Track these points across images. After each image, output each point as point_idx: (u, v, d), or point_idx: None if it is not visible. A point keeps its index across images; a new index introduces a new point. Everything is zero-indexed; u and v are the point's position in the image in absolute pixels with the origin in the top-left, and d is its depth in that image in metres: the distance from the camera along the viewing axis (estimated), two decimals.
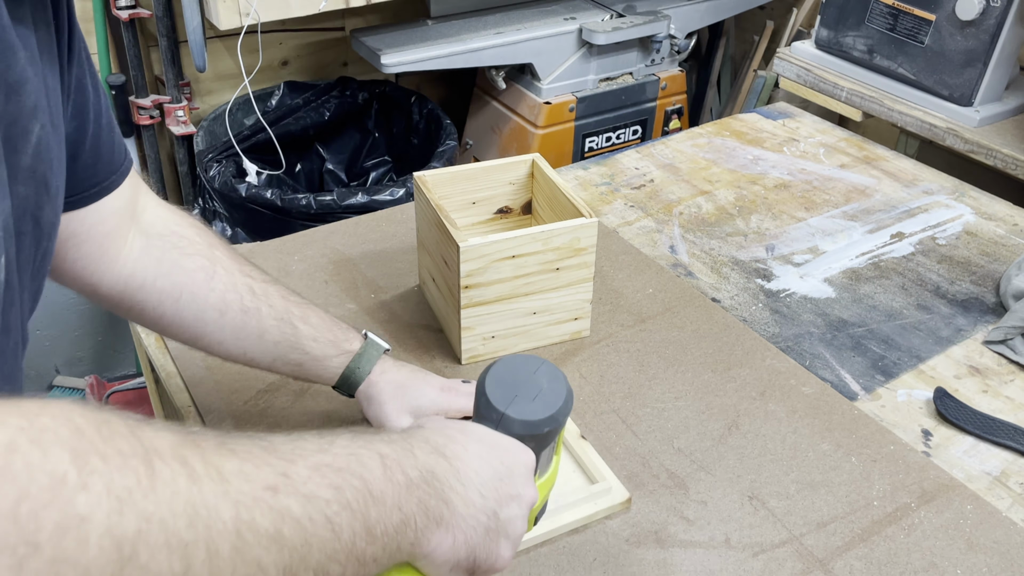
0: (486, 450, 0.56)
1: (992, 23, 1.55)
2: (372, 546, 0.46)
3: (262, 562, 0.39)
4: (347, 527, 0.44)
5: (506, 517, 0.55)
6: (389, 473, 0.48)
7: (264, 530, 0.40)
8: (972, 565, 0.78)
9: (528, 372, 0.60)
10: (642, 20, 2.26)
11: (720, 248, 1.22)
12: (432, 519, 0.50)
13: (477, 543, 0.53)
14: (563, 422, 0.60)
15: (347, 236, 1.22)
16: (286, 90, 2.28)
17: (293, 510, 0.42)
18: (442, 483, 0.51)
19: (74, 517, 0.32)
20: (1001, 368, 1.02)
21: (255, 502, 0.40)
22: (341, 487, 0.45)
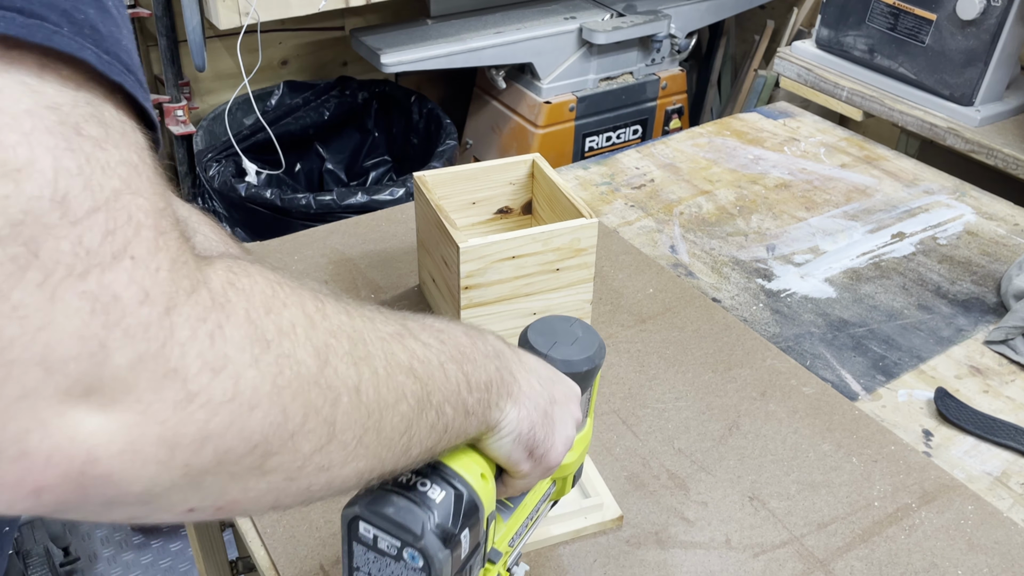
0: (540, 361, 0.61)
1: (993, 23, 1.55)
2: (471, 396, 0.51)
3: (404, 389, 0.45)
4: (453, 374, 0.50)
5: (558, 415, 0.59)
6: (473, 342, 0.54)
7: (402, 362, 0.46)
8: (973, 565, 0.78)
9: (565, 325, 0.66)
10: (642, 19, 2.26)
11: (721, 248, 1.22)
12: (505, 388, 0.55)
13: (537, 422, 0.57)
14: (599, 364, 0.66)
15: (347, 236, 1.22)
16: (286, 90, 2.28)
17: (417, 352, 0.47)
18: (509, 362, 0.56)
19: (286, 324, 0.38)
20: (1002, 368, 1.02)
21: (392, 339, 0.46)
22: (444, 342, 0.50)
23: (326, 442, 0.40)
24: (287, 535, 0.79)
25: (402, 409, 0.45)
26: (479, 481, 0.55)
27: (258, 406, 0.36)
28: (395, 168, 2.37)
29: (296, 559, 0.77)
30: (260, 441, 0.36)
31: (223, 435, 0.35)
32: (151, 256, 0.33)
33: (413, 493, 0.52)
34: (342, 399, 0.40)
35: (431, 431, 0.48)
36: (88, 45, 0.34)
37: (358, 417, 0.41)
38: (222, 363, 0.34)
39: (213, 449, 0.35)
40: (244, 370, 0.35)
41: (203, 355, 0.34)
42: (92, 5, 0.35)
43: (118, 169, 0.33)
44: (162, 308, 0.33)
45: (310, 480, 0.40)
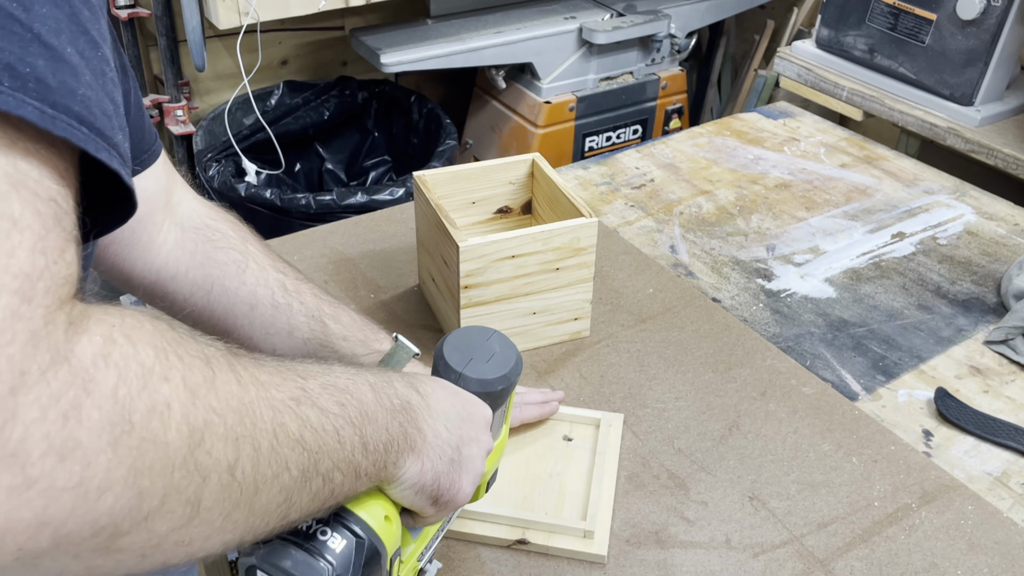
0: (450, 395, 0.60)
1: (993, 22, 1.55)
2: (366, 460, 0.50)
3: (288, 461, 0.43)
4: (348, 440, 0.48)
5: (467, 455, 0.59)
6: (378, 398, 0.52)
7: (292, 433, 0.44)
8: (973, 565, 0.78)
9: (481, 339, 0.66)
10: (642, 19, 2.26)
11: (721, 248, 1.22)
12: (408, 444, 0.54)
13: (442, 471, 0.57)
14: (514, 382, 0.65)
15: (347, 236, 1.21)
16: (285, 90, 2.28)
17: (311, 419, 0.46)
18: (416, 413, 0.55)
19: (160, 403, 0.36)
20: (1002, 368, 1.02)
21: (285, 408, 0.44)
22: (345, 404, 0.49)
23: (187, 521, 0.38)
24: None
25: (283, 481, 0.43)
26: (382, 524, 0.54)
27: (108, 490, 0.34)
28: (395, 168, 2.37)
29: None
30: (107, 524, 0.34)
31: (64, 521, 0.33)
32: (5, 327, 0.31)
33: (313, 543, 0.51)
34: (211, 479, 0.38)
35: (314, 498, 0.47)
36: (30, 100, 0.32)
37: (229, 495, 0.40)
38: (71, 447, 0.32)
39: (51, 534, 0.33)
40: (96, 456, 0.33)
41: (50, 438, 0.32)
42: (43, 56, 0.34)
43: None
44: (7, 387, 0.31)
45: (167, 556, 0.38)
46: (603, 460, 0.85)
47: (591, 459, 0.86)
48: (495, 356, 0.64)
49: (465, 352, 0.64)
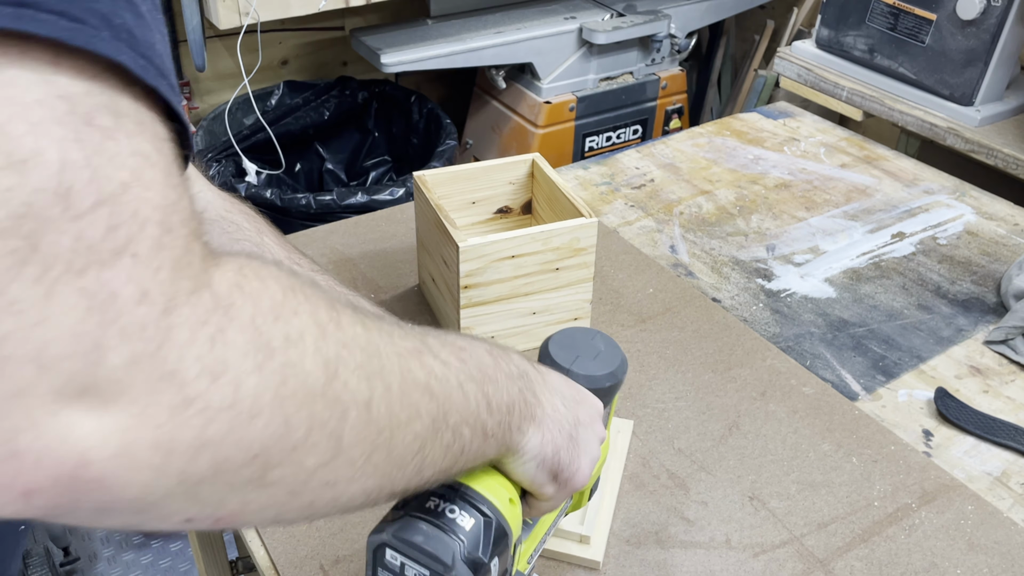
0: (564, 380, 0.60)
1: (993, 22, 1.55)
2: (491, 418, 0.50)
3: (419, 407, 0.44)
4: (473, 395, 0.48)
5: (584, 436, 0.58)
6: (496, 361, 0.52)
7: (419, 380, 0.44)
8: (973, 565, 0.78)
9: (586, 339, 0.66)
10: (642, 19, 2.26)
11: (720, 248, 1.22)
12: (528, 411, 0.53)
13: (562, 445, 0.56)
14: (621, 379, 0.65)
15: (347, 236, 1.22)
16: (286, 90, 2.28)
17: (436, 369, 0.46)
18: (533, 383, 0.55)
19: (294, 332, 0.37)
20: (1002, 368, 1.02)
21: (410, 355, 0.44)
22: (465, 360, 0.49)
23: (332, 457, 0.38)
24: (287, 535, 0.79)
25: (416, 428, 0.43)
26: (507, 506, 0.54)
27: (259, 415, 0.34)
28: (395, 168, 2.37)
29: (296, 559, 0.77)
30: (260, 452, 0.35)
31: (220, 443, 0.34)
32: (153, 254, 0.32)
33: (442, 520, 0.51)
34: (350, 413, 0.39)
35: (446, 453, 0.46)
36: (125, 49, 0.33)
37: (367, 434, 0.40)
38: (222, 368, 0.33)
39: (210, 457, 0.33)
40: (245, 377, 0.34)
41: (202, 359, 0.33)
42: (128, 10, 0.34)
43: (128, 161, 0.32)
44: (160, 309, 0.32)
45: (314, 495, 0.39)
46: (608, 466, 0.85)
47: None
48: (601, 354, 0.65)
49: (571, 350, 0.64)
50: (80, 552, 1.87)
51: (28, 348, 0.29)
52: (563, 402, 0.57)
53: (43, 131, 0.30)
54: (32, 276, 0.29)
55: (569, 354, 0.64)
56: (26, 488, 0.30)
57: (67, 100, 0.31)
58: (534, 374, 0.56)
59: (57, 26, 0.31)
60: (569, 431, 0.56)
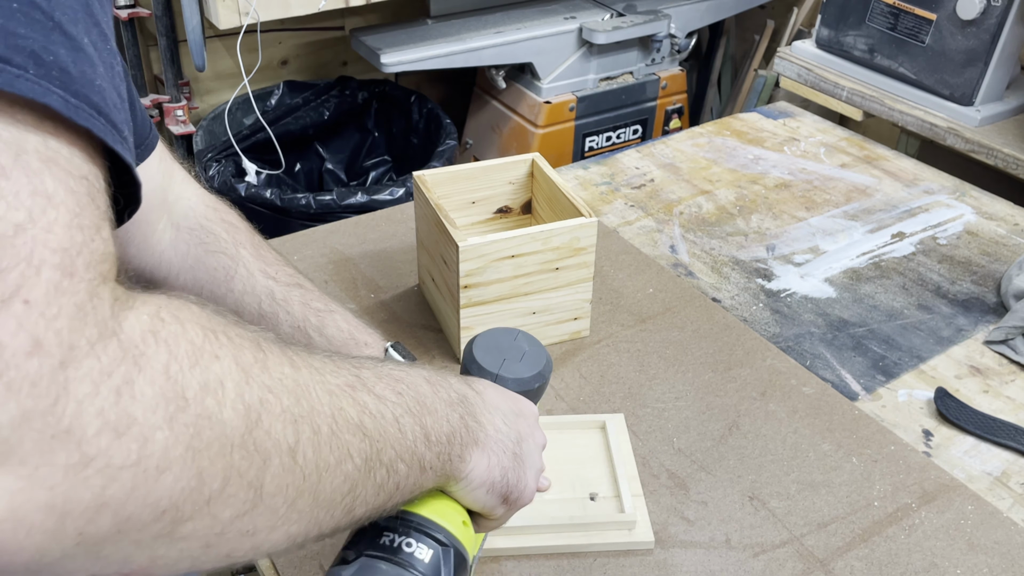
0: (499, 392, 0.59)
1: (993, 22, 1.55)
2: (429, 451, 0.48)
3: (350, 448, 0.42)
4: (409, 429, 0.47)
5: (527, 449, 0.58)
6: (434, 390, 0.51)
7: (351, 418, 0.43)
8: (973, 565, 0.78)
9: (509, 339, 0.65)
10: (642, 19, 2.26)
11: (720, 248, 1.22)
12: (471, 437, 0.53)
13: (508, 466, 0.55)
14: (548, 378, 0.65)
15: (347, 236, 1.21)
16: (285, 89, 2.28)
17: (370, 406, 0.45)
18: (474, 407, 0.54)
19: (213, 380, 0.35)
20: (1002, 368, 1.02)
21: (342, 393, 0.43)
22: (401, 393, 0.48)
23: (251, 507, 0.37)
24: None
25: (346, 469, 0.42)
26: (462, 529, 0.53)
27: (167, 470, 0.33)
28: (395, 168, 2.37)
29: (296, 559, 0.77)
30: (169, 507, 0.33)
31: (124, 502, 0.32)
32: (49, 300, 0.30)
33: (399, 556, 0.50)
34: (272, 461, 0.37)
35: (379, 491, 0.45)
36: (54, 89, 0.32)
37: (291, 480, 0.38)
38: (127, 423, 0.31)
39: (112, 517, 0.32)
40: (153, 432, 0.32)
41: (104, 414, 0.31)
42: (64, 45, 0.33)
43: (25, 201, 0.30)
44: (56, 361, 0.30)
45: (231, 546, 0.37)
46: (621, 458, 0.85)
47: (608, 460, 0.86)
48: (526, 355, 0.64)
49: (496, 353, 0.63)
50: None
51: None
52: (504, 420, 0.56)
53: None
54: None
55: (495, 358, 0.63)
56: None
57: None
58: (474, 396, 0.55)
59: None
60: (513, 449, 0.56)
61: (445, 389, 0.52)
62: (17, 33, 0.31)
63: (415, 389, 0.49)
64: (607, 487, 0.83)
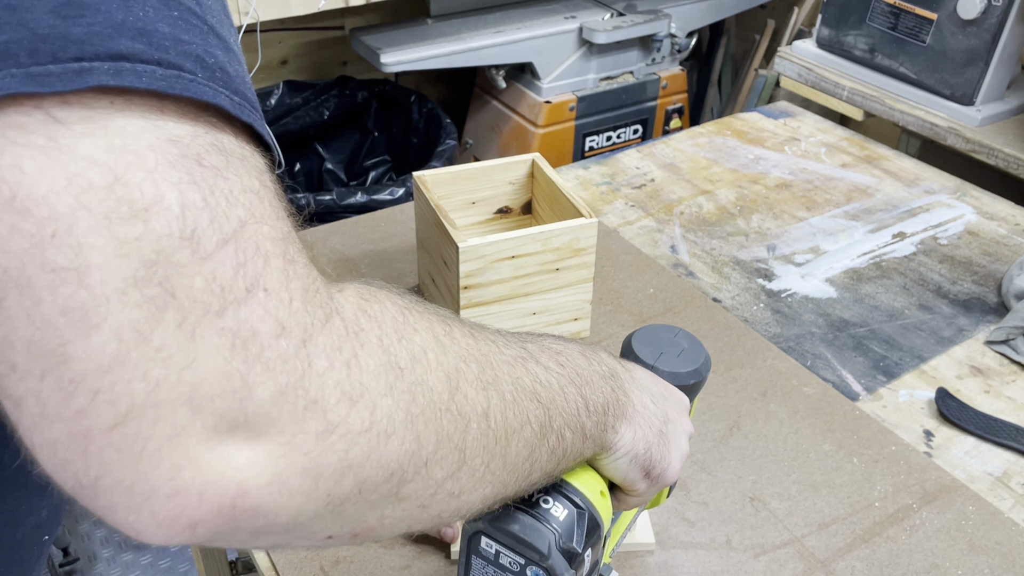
0: (651, 376, 0.60)
1: (993, 22, 1.55)
2: (589, 420, 0.50)
3: (528, 413, 0.45)
4: (573, 398, 0.49)
5: (673, 431, 0.59)
6: (590, 363, 0.53)
7: (526, 387, 0.45)
8: (974, 566, 0.78)
9: (669, 336, 0.66)
10: (643, 19, 2.26)
11: (721, 248, 1.22)
12: (620, 409, 0.54)
13: (653, 441, 0.56)
14: (705, 376, 0.65)
15: (347, 236, 1.21)
16: (285, 89, 2.27)
17: (539, 375, 0.47)
18: (623, 381, 0.56)
19: (418, 351, 0.38)
20: (1003, 368, 1.02)
21: (516, 362, 0.46)
22: (563, 365, 0.50)
23: (457, 469, 0.40)
24: None
25: (526, 434, 0.45)
26: (599, 499, 0.55)
27: (394, 434, 0.36)
28: (395, 168, 2.37)
29: (296, 559, 0.77)
30: (396, 469, 0.36)
31: (363, 464, 0.35)
32: (283, 287, 0.33)
33: (537, 510, 0.51)
34: (472, 425, 0.40)
35: (551, 455, 0.48)
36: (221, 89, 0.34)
37: (486, 443, 0.42)
38: (359, 392, 0.35)
39: (353, 478, 0.35)
40: (380, 399, 0.35)
41: (341, 385, 0.34)
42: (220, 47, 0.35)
43: (241, 198, 0.33)
44: (299, 340, 0.33)
45: (441, 506, 0.40)
46: None
47: None
48: (684, 351, 0.65)
49: (655, 347, 0.64)
50: (79, 553, 1.87)
51: (180, 391, 0.30)
52: (652, 399, 0.58)
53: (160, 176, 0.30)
54: (174, 322, 0.30)
55: (653, 351, 0.64)
56: (191, 520, 0.32)
57: (177, 143, 0.31)
58: (623, 372, 0.56)
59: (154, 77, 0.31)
60: (659, 427, 0.57)
61: (598, 363, 0.54)
62: (182, 40, 0.33)
63: (573, 361, 0.51)
64: None
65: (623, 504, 0.60)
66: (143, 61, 0.31)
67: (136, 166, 0.30)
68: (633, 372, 0.58)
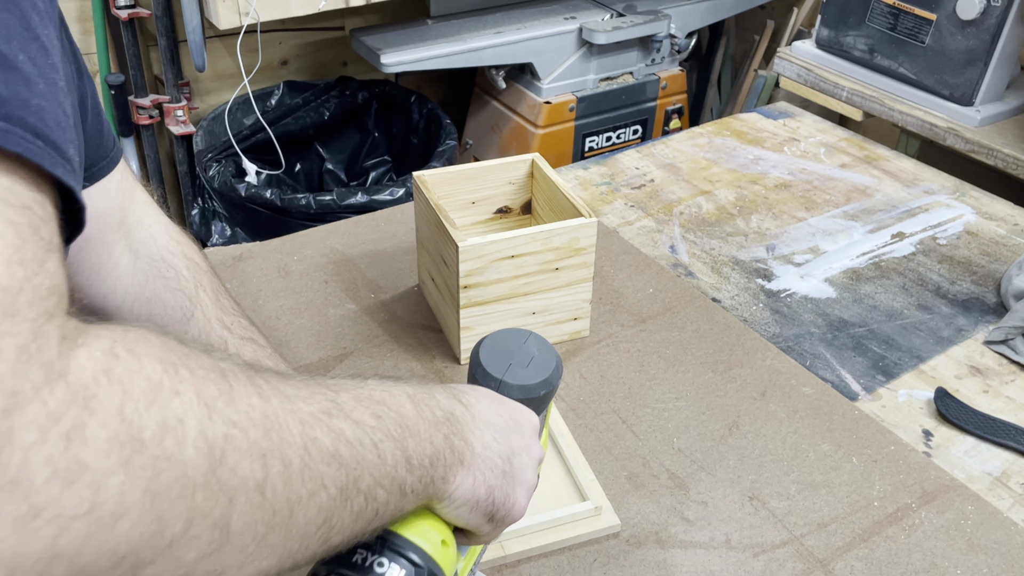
0: (494, 404, 0.57)
1: (993, 23, 1.55)
2: (411, 475, 0.47)
3: (324, 478, 0.41)
4: (390, 454, 0.46)
5: (518, 466, 0.56)
6: (418, 409, 0.49)
7: (325, 448, 0.41)
8: (973, 566, 0.78)
9: (519, 342, 0.63)
10: (642, 19, 2.26)
11: (720, 248, 1.22)
12: (456, 457, 0.51)
13: (495, 485, 0.54)
14: (556, 385, 0.62)
15: (347, 236, 1.21)
16: (286, 90, 2.28)
17: (346, 432, 0.43)
18: (461, 424, 0.53)
19: (172, 418, 0.34)
20: (1002, 368, 1.02)
21: (316, 421, 0.42)
22: (382, 416, 0.46)
23: (217, 548, 0.35)
24: None
25: (320, 500, 0.41)
26: (439, 550, 0.52)
27: (124, 516, 0.31)
28: (395, 168, 2.37)
29: None
30: (127, 553, 0.32)
31: (78, 551, 0.30)
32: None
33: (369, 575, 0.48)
34: (239, 499, 0.36)
35: (357, 518, 0.44)
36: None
37: (260, 516, 0.37)
38: (77, 471, 0.30)
39: (66, 567, 0.30)
40: (106, 477, 0.31)
41: (53, 461, 0.30)
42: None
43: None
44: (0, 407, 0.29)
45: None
46: (563, 442, 0.86)
47: (553, 451, 0.86)
48: (534, 359, 0.61)
49: (503, 357, 0.61)
50: None
51: None
52: (494, 436, 0.55)
53: None
54: None
55: (501, 362, 0.61)
56: None
57: None
58: (462, 412, 0.53)
59: None
60: (502, 467, 0.54)
61: (430, 408, 0.50)
62: None
63: (397, 411, 0.48)
64: (561, 477, 0.84)
65: (472, 541, 0.57)
66: None
67: None
68: (473, 409, 0.55)
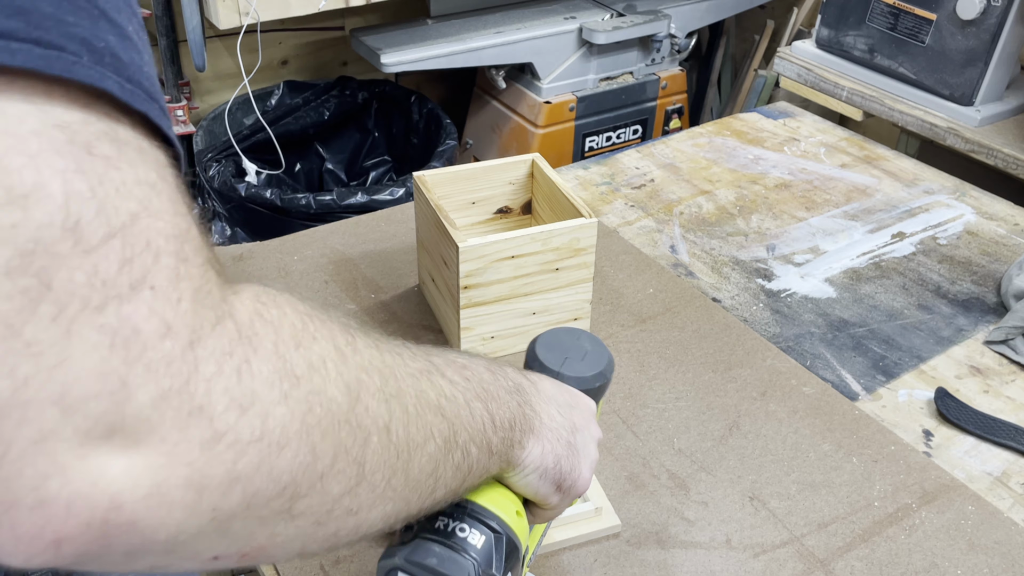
0: (555, 384, 0.60)
1: (993, 22, 1.55)
2: (495, 436, 0.50)
3: (432, 428, 0.44)
4: (479, 413, 0.48)
5: (581, 442, 0.58)
6: (495, 377, 0.52)
7: (430, 400, 0.44)
8: (973, 565, 0.78)
9: (572, 339, 0.66)
10: (642, 19, 2.26)
11: (721, 248, 1.22)
12: (527, 424, 0.53)
13: (562, 454, 0.56)
14: (610, 378, 0.65)
15: (347, 236, 1.21)
16: (286, 90, 2.28)
17: (445, 389, 0.46)
18: (529, 395, 0.55)
19: (316, 359, 0.36)
20: (1002, 368, 1.02)
21: (421, 375, 0.45)
22: (469, 379, 0.49)
23: (355, 484, 0.38)
24: None
25: (430, 449, 0.43)
26: (515, 519, 0.54)
27: (287, 445, 0.34)
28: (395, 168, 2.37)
29: (297, 561, 0.77)
30: (289, 482, 0.34)
31: (252, 476, 0.33)
32: (172, 286, 0.31)
33: (453, 540, 0.50)
34: (372, 438, 0.39)
35: (456, 472, 0.47)
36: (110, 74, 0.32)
37: (387, 457, 0.40)
38: (250, 400, 0.33)
39: (242, 491, 0.33)
40: (272, 407, 0.33)
41: (230, 391, 0.32)
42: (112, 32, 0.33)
43: (135, 190, 0.31)
44: (185, 342, 0.31)
45: (338, 524, 0.38)
46: None
47: None
48: (588, 354, 0.65)
49: (559, 352, 0.64)
50: None
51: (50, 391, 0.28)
52: (559, 410, 0.57)
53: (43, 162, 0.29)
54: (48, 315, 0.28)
55: (557, 356, 0.64)
56: (56, 537, 0.29)
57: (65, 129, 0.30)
58: (528, 386, 0.56)
59: (31, 55, 0.29)
60: (567, 439, 0.56)
61: (504, 378, 0.53)
62: (66, 21, 0.31)
63: (479, 376, 0.50)
64: None
65: (538, 518, 0.59)
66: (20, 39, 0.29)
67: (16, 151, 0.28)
68: (538, 384, 0.57)
